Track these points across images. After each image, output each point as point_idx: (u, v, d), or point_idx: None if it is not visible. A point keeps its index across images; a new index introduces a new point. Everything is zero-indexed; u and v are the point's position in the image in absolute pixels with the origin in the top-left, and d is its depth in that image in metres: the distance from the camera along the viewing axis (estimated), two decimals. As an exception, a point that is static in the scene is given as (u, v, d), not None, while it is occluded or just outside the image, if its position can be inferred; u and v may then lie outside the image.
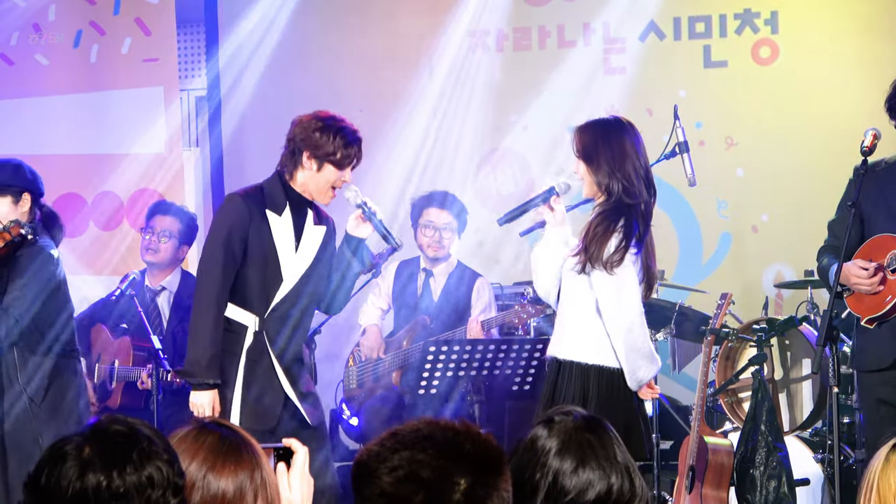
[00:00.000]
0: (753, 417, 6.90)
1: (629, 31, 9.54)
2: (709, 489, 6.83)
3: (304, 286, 6.07)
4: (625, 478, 3.15)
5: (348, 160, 6.01)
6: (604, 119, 5.98)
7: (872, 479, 3.30)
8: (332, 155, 5.97)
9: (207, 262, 6.01)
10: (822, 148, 8.99)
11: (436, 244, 8.08)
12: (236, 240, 5.96)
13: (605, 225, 5.69)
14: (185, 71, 10.20)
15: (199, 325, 5.95)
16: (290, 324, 6.06)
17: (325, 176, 6.00)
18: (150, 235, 8.08)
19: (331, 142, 5.97)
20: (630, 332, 5.73)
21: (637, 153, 5.79)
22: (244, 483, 2.86)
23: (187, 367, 5.97)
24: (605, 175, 5.75)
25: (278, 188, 6.05)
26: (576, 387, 5.75)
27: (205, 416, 5.87)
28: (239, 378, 5.96)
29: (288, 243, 6.04)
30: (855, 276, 6.06)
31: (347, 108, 9.70)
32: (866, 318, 6.13)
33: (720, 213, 9.43)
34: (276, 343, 6.01)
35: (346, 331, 8.54)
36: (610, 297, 5.72)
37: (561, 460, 3.15)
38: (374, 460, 2.74)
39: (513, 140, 9.68)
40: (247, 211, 5.98)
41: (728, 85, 9.38)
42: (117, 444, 2.59)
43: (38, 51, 9.75)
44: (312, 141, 5.98)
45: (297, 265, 6.05)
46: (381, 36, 9.84)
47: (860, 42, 9.08)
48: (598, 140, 5.80)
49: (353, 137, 6.04)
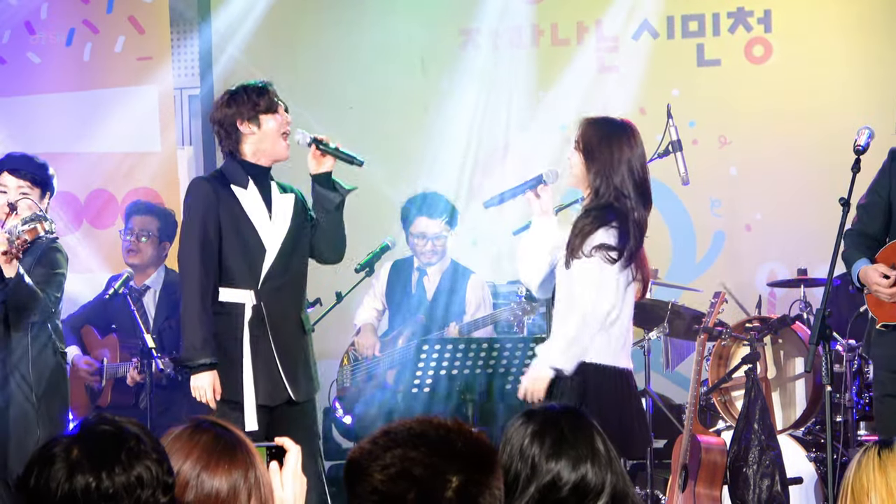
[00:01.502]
0: (746, 416, 6.91)
1: (623, 30, 9.54)
2: (702, 488, 6.84)
3: (288, 253, 6.09)
4: (605, 466, 3.17)
5: (273, 103, 6.05)
6: (613, 119, 5.90)
7: (847, 482, 3.38)
8: (257, 106, 6.02)
9: (185, 250, 6.05)
10: (815, 146, 9.00)
11: (429, 252, 8.09)
12: (210, 221, 6.00)
13: (590, 220, 5.67)
14: (178, 70, 10.19)
15: (187, 310, 5.98)
16: (283, 292, 6.08)
17: (267, 129, 6.04)
18: (130, 237, 8.11)
19: (247, 99, 6.03)
20: (582, 322, 5.67)
21: (635, 163, 5.74)
22: (238, 482, 2.86)
23: (183, 353, 6.02)
24: (597, 175, 5.73)
25: (235, 166, 6.08)
26: (574, 385, 5.74)
27: (205, 398, 5.90)
28: (246, 358, 5.98)
29: (261, 212, 6.07)
30: (875, 284, 6.06)
31: (339, 105, 9.75)
32: (882, 324, 6.14)
33: (713, 211, 9.44)
34: (273, 314, 6.03)
35: (341, 330, 8.53)
36: (582, 284, 5.67)
37: (539, 445, 3.18)
38: (367, 458, 2.75)
39: (505, 138, 9.67)
40: (212, 190, 6.02)
41: (721, 84, 9.39)
42: (105, 445, 2.60)
43: (31, 49, 9.74)
44: (232, 111, 6.03)
45: (276, 232, 6.07)
46: (374, 33, 9.83)
47: (853, 40, 9.08)
48: (602, 139, 5.77)
49: (261, 84, 6.09)
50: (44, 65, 9.73)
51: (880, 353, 6.26)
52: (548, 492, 3.15)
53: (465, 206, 9.14)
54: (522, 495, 3.14)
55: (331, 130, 9.53)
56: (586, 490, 3.14)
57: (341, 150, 6.09)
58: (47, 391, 6.48)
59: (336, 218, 6.17)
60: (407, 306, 8.17)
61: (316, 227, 6.20)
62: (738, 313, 8.03)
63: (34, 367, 6.42)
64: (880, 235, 6.25)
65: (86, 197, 9.65)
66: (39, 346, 6.50)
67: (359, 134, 9.53)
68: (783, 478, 6.84)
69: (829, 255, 6.02)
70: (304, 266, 6.22)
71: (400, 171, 9.50)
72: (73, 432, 2.62)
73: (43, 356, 6.51)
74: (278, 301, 6.06)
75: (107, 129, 9.61)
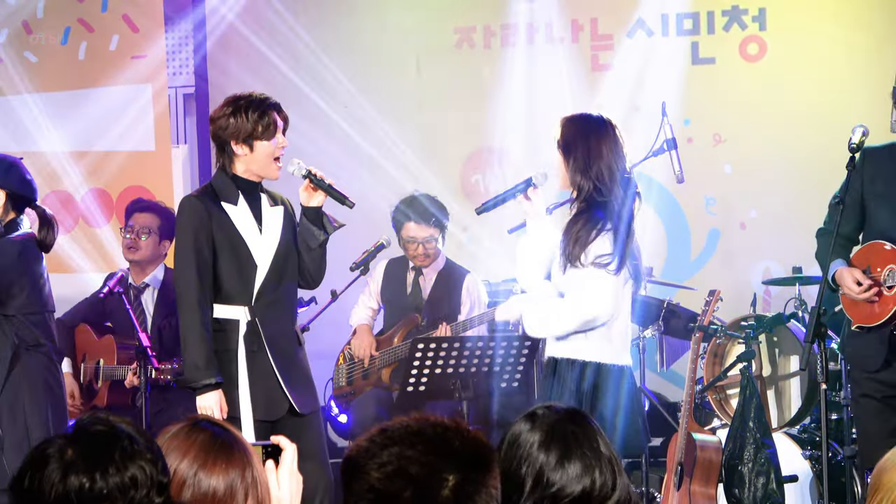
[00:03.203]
0: (741, 414, 6.92)
1: (617, 28, 9.55)
2: (697, 486, 6.84)
3: (279, 266, 6.07)
4: (608, 470, 3.16)
5: (272, 128, 5.99)
6: (588, 115, 5.91)
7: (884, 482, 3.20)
8: (254, 132, 5.96)
9: (181, 269, 6.02)
10: (810, 144, 9.00)
11: (421, 256, 8.09)
12: (203, 239, 5.97)
13: (582, 225, 5.67)
14: (172, 68, 10.20)
15: (187, 330, 5.95)
16: (277, 306, 6.06)
17: (260, 153, 6.00)
18: (130, 234, 8.10)
19: (245, 121, 5.96)
20: (570, 316, 5.70)
21: (613, 155, 5.74)
22: (235, 481, 2.86)
23: (186, 374, 5.95)
24: (576, 171, 5.73)
25: (226, 181, 6.05)
26: (572, 384, 5.74)
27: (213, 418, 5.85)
28: (242, 374, 5.96)
29: (251, 228, 6.05)
30: (848, 288, 6.09)
31: (334, 104, 9.75)
32: (857, 325, 6.16)
33: (708, 209, 9.44)
34: (268, 329, 6.02)
35: (336, 328, 8.53)
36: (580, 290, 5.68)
37: (545, 453, 3.16)
38: (363, 456, 2.75)
39: (500, 137, 9.67)
40: (204, 209, 6.00)
41: (716, 82, 9.39)
42: (99, 445, 2.59)
43: (27, 48, 9.74)
44: (230, 129, 5.97)
45: (266, 247, 6.06)
46: (368, 32, 9.84)
47: (848, 38, 9.09)
48: (578, 135, 5.79)
49: (265, 106, 6.02)
50: (40, 64, 9.73)
51: (855, 354, 6.29)
52: (556, 499, 3.14)
53: (460, 204, 9.15)
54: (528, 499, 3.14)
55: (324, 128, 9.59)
56: (593, 495, 3.14)
57: (333, 188, 6.06)
58: (6, 390, 6.34)
59: (316, 255, 6.15)
60: (402, 305, 8.17)
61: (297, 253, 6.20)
62: (733, 311, 8.04)
63: None
64: (853, 235, 6.27)
65: (81, 195, 9.65)
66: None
67: (355, 133, 9.55)
68: (778, 476, 6.84)
69: (824, 253, 6.04)
70: (296, 278, 6.21)
71: (395, 169, 9.49)
72: (68, 432, 2.62)
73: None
74: (273, 315, 6.04)
75: (102, 127, 9.61)
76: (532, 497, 3.14)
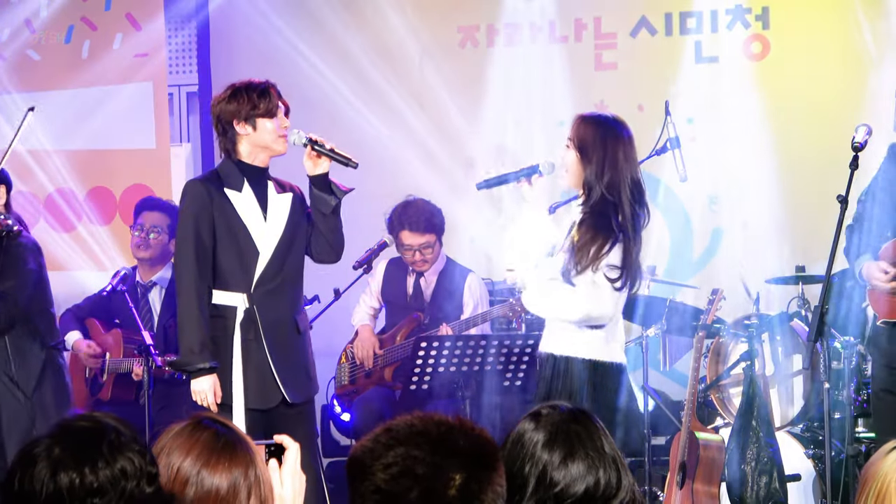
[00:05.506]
0: (744, 413, 6.92)
1: (620, 27, 9.55)
2: (700, 485, 6.84)
3: (282, 254, 6.07)
4: (612, 470, 3.16)
5: (272, 107, 6.02)
6: (608, 118, 5.86)
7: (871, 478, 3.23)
8: (256, 108, 5.99)
9: (181, 253, 6.03)
10: (813, 143, 9.00)
11: (419, 262, 8.08)
12: (204, 224, 5.98)
13: (593, 233, 5.65)
14: (175, 66, 10.20)
15: (184, 314, 5.97)
16: (277, 294, 6.05)
17: (263, 130, 6.01)
18: (139, 232, 8.12)
19: (247, 100, 6.00)
20: (569, 309, 5.70)
21: (628, 162, 5.74)
22: (238, 480, 2.86)
23: (181, 357, 5.98)
24: (591, 173, 5.71)
25: (231, 167, 6.06)
26: (570, 382, 5.74)
27: (206, 402, 5.89)
28: (237, 361, 5.96)
29: (255, 215, 6.04)
30: (875, 279, 6.08)
31: (337, 102, 9.75)
32: (882, 320, 6.15)
33: (711, 208, 9.44)
34: (266, 317, 6.01)
35: (339, 327, 8.53)
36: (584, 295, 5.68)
37: (549, 453, 3.16)
38: (369, 456, 2.74)
39: (503, 136, 9.67)
40: (206, 193, 6.01)
41: (719, 80, 9.39)
42: (86, 440, 2.59)
43: (30, 46, 9.74)
44: (231, 110, 6.00)
45: (270, 235, 6.05)
46: (371, 31, 9.84)
47: (851, 37, 9.09)
48: (598, 138, 5.75)
49: (264, 86, 6.06)
50: (43, 62, 9.73)
51: (879, 349, 6.28)
52: (559, 499, 3.14)
53: (462, 203, 9.15)
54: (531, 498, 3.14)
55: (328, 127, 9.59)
56: (596, 494, 3.14)
57: (336, 152, 6.06)
58: (38, 387, 6.46)
59: (332, 221, 6.14)
60: (403, 306, 8.16)
61: (313, 227, 6.19)
62: (735, 310, 8.03)
63: (19, 366, 6.39)
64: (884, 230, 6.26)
65: (84, 194, 9.65)
66: (22, 345, 6.47)
67: (356, 133, 9.54)
68: (781, 475, 6.85)
69: (827, 252, 6.01)
70: (300, 266, 6.20)
71: (397, 169, 9.49)
72: (51, 432, 2.62)
73: (28, 354, 6.49)
74: (271, 303, 6.04)
75: (104, 126, 9.61)
76: (536, 496, 3.13)
